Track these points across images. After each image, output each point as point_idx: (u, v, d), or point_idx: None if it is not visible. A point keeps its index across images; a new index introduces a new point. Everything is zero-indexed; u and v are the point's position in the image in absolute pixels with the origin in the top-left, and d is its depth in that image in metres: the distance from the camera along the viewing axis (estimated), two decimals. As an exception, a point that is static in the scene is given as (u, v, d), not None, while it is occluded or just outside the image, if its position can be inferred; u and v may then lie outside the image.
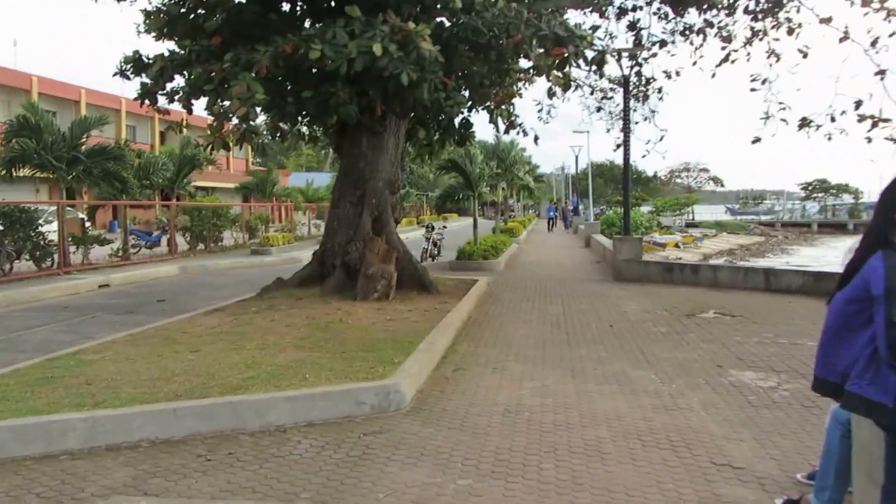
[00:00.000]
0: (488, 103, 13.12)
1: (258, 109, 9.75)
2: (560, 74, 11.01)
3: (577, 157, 52.39)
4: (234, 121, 10.23)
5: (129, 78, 11.67)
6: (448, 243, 22.87)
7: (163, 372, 6.17)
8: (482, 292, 12.91)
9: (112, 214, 32.34)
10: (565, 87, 11.92)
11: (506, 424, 5.32)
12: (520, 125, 13.21)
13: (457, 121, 13.35)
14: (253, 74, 9.08)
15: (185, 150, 26.21)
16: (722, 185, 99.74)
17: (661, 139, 16.75)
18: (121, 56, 11.71)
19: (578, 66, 10.71)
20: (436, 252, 21.19)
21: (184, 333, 8.12)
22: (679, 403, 5.93)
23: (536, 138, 14.42)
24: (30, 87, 35.29)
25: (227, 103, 9.77)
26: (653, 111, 17.15)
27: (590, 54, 10.87)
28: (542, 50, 10.54)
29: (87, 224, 22.55)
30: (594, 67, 10.89)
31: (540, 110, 14.65)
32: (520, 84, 12.98)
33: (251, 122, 9.84)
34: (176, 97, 11.74)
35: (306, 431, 5.11)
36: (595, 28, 11.66)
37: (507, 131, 12.69)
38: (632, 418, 5.51)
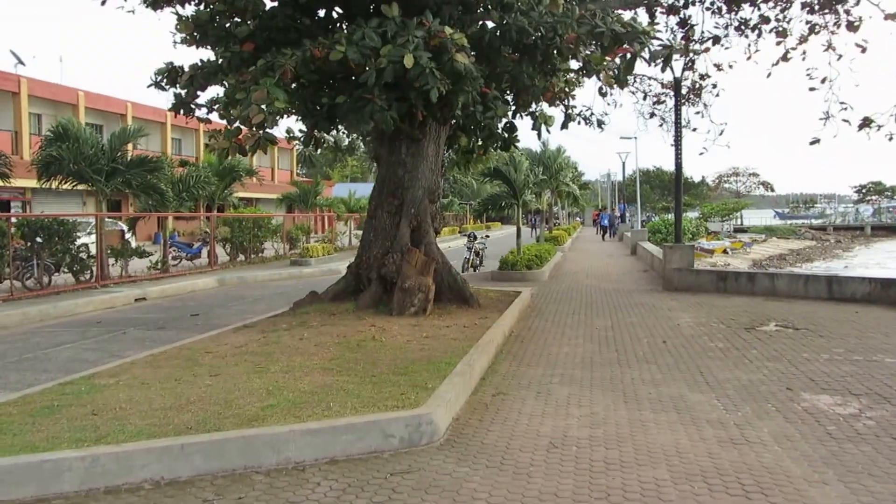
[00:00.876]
0: (533, 108, 12.48)
1: (277, 115, 9.28)
2: (612, 73, 10.40)
3: (623, 164, 51.49)
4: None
5: (164, 89, 11.53)
6: (491, 252, 22.26)
7: (177, 399, 5.70)
8: (525, 305, 12.28)
9: (157, 226, 32.56)
10: (621, 85, 11.24)
11: (551, 462, 4.70)
12: (579, 114, 12.55)
13: (500, 125, 12.77)
14: (276, 79, 8.65)
15: (222, 162, 26.10)
16: (772, 190, 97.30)
17: (721, 133, 15.95)
18: (155, 68, 11.52)
19: (647, 62, 10.04)
20: (478, 262, 20.57)
21: (207, 353, 7.67)
22: (747, 435, 5.24)
23: (601, 123, 13.75)
24: (76, 101, 35.79)
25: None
26: (706, 105, 16.39)
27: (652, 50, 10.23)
28: (595, 47, 9.91)
29: (129, 236, 22.52)
30: (659, 62, 10.17)
31: (591, 115, 13.88)
32: (568, 87, 12.35)
33: (267, 130, 9.39)
34: (214, 107, 11.47)
35: (327, 470, 4.56)
36: (654, 24, 11.02)
37: (564, 125, 12.01)
38: (695, 454, 4.84)
